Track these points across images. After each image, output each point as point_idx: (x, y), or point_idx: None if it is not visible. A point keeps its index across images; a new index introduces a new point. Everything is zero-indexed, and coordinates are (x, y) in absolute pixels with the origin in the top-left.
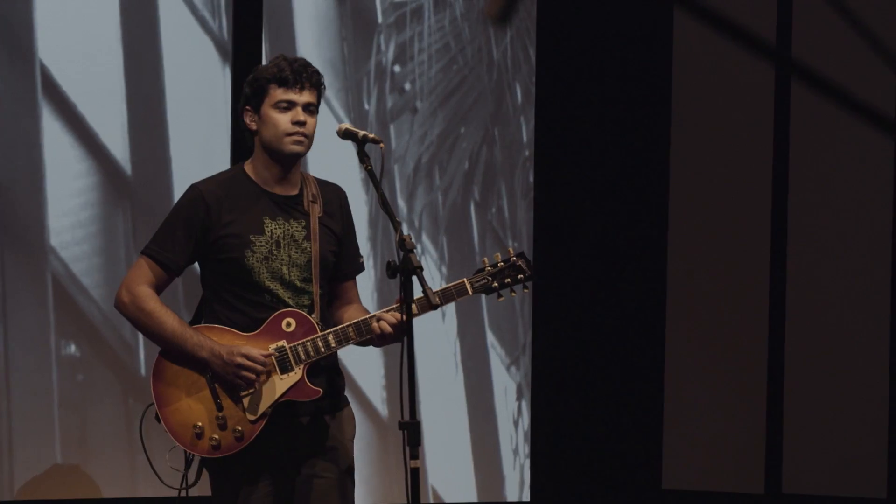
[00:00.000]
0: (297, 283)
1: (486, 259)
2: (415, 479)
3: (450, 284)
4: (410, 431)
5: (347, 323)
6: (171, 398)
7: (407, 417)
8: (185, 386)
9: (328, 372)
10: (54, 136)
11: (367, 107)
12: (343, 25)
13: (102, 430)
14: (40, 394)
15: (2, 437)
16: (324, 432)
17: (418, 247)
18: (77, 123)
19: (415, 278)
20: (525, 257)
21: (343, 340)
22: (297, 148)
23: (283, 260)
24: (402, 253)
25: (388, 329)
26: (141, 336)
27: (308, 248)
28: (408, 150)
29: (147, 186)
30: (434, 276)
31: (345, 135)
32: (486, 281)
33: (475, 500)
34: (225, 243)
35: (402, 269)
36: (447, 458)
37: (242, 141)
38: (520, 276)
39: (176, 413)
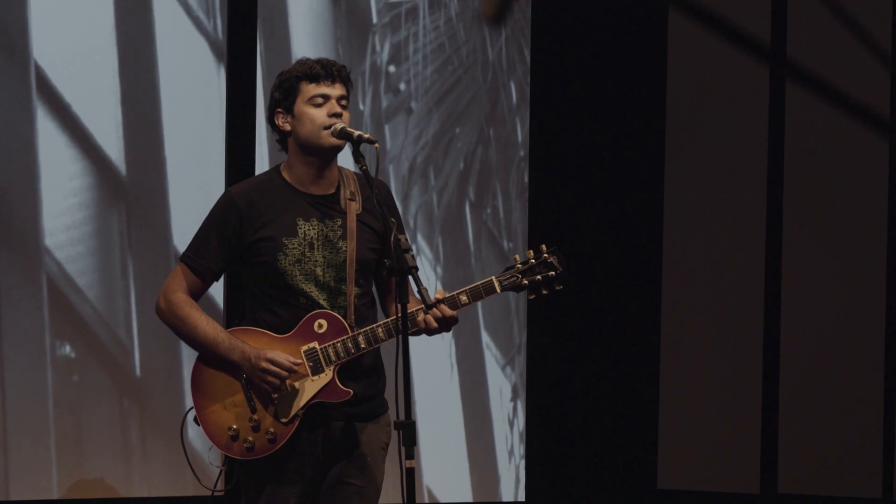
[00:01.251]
0: (332, 284)
1: (517, 256)
2: (410, 479)
3: (478, 283)
4: (405, 431)
5: (377, 323)
6: (208, 401)
7: (402, 417)
8: (221, 389)
9: (366, 377)
10: (49, 136)
11: (361, 107)
12: (338, 26)
13: (97, 431)
14: (35, 394)
15: None
16: (356, 438)
17: (413, 247)
18: (72, 124)
19: (410, 279)
20: (558, 253)
21: (373, 341)
22: (336, 141)
23: (316, 261)
24: (397, 253)
25: (434, 324)
26: (136, 337)
27: (343, 248)
28: (403, 150)
29: (142, 187)
30: (429, 277)
31: (340, 135)
32: (515, 278)
33: (470, 501)
34: (258, 247)
35: (397, 269)
36: (442, 459)
37: (237, 141)
38: (551, 274)
39: (212, 416)
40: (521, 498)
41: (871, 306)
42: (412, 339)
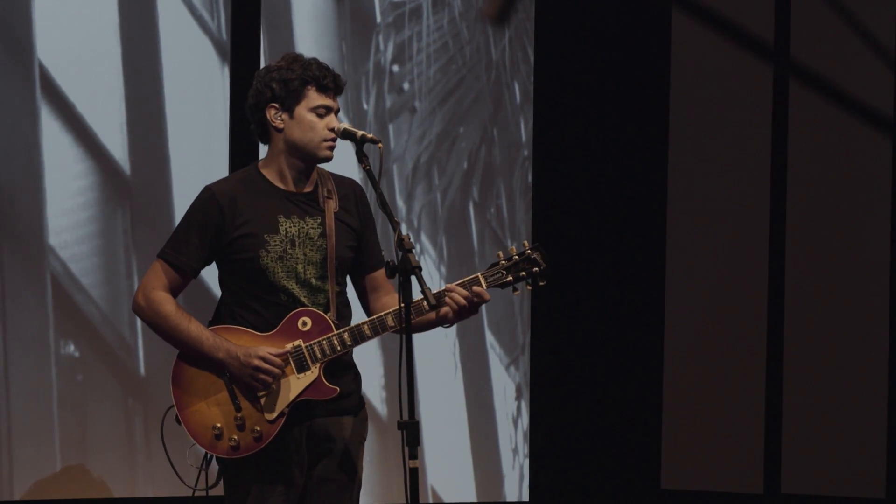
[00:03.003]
0: (314, 282)
1: (500, 253)
2: (414, 479)
3: (463, 279)
4: (409, 431)
5: (363, 321)
6: (190, 400)
7: (406, 417)
8: (204, 388)
9: (346, 373)
10: (53, 136)
11: (365, 106)
12: (342, 25)
13: (102, 430)
14: (40, 393)
15: (1, 436)
16: (340, 434)
17: (417, 246)
18: (76, 123)
19: (413, 278)
20: (541, 249)
21: (358, 338)
22: (331, 154)
23: (298, 258)
24: (400, 253)
25: (462, 301)
26: (140, 336)
27: (324, 246)
28: (406, 149)
29: (146, 186)
30: (433, 276)
31: (343, 134)
32: (499, 275)
33: (474, 500)
34: (239, 244)
35: (400, 268)
36: (446, 458)
37: (241, 140)
38: (535, 269)
39: (195, 414)
40: (525, 497)
41: (874, 306)
42: (416, 339)
